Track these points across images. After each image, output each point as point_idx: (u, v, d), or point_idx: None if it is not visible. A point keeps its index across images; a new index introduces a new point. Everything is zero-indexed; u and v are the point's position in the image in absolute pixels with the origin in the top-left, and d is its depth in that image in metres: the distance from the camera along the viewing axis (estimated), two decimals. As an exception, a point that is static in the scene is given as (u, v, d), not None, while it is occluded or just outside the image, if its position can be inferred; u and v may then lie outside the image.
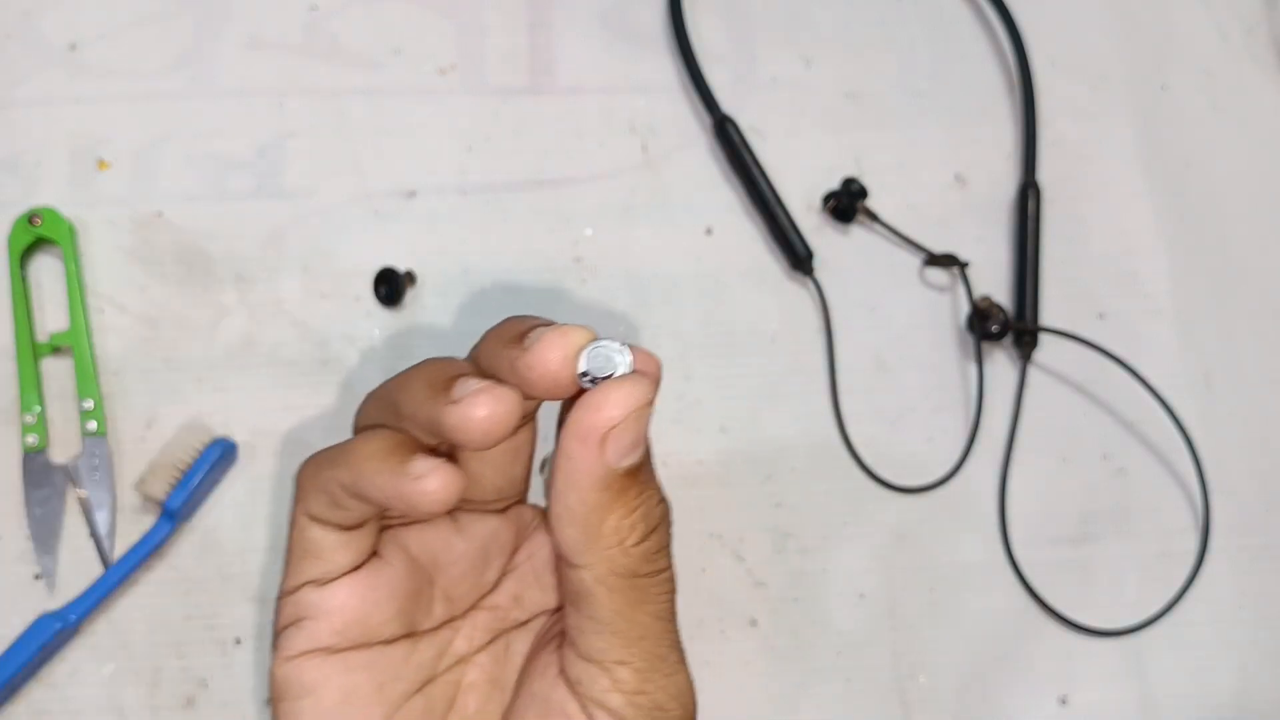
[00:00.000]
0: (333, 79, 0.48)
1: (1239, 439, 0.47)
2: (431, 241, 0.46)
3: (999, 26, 0.51)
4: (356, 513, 0.28)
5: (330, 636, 0.29)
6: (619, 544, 0.26)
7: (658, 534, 0.27)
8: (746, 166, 0.47)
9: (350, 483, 0.27)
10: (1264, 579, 0.46)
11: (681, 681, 0.29)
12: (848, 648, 0.44)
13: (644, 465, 0.27)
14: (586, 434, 0.25)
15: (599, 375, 0.25)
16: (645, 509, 0.27)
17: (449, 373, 0.26)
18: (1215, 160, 0.51)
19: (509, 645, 0.32)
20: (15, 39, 0.47)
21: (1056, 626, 0.45)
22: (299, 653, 0.29)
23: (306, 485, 0.28)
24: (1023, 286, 0.47)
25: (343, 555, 0.29)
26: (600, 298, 0.46)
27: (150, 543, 0.41)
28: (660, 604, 0.28)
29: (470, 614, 0.32)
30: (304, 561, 0.29)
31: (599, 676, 0.28)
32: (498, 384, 0.25)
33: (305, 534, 0.29)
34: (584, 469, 0.26)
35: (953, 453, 0.46)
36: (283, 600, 0.30)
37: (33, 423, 0.42)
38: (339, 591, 0.29)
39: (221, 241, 0.45)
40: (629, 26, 0.50)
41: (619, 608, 0.27)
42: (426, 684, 0.31)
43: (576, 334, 0.25)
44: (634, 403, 0.25)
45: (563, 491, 0.26)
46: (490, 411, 0.24)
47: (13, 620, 0.40)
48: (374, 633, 0.29)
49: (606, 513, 0.26)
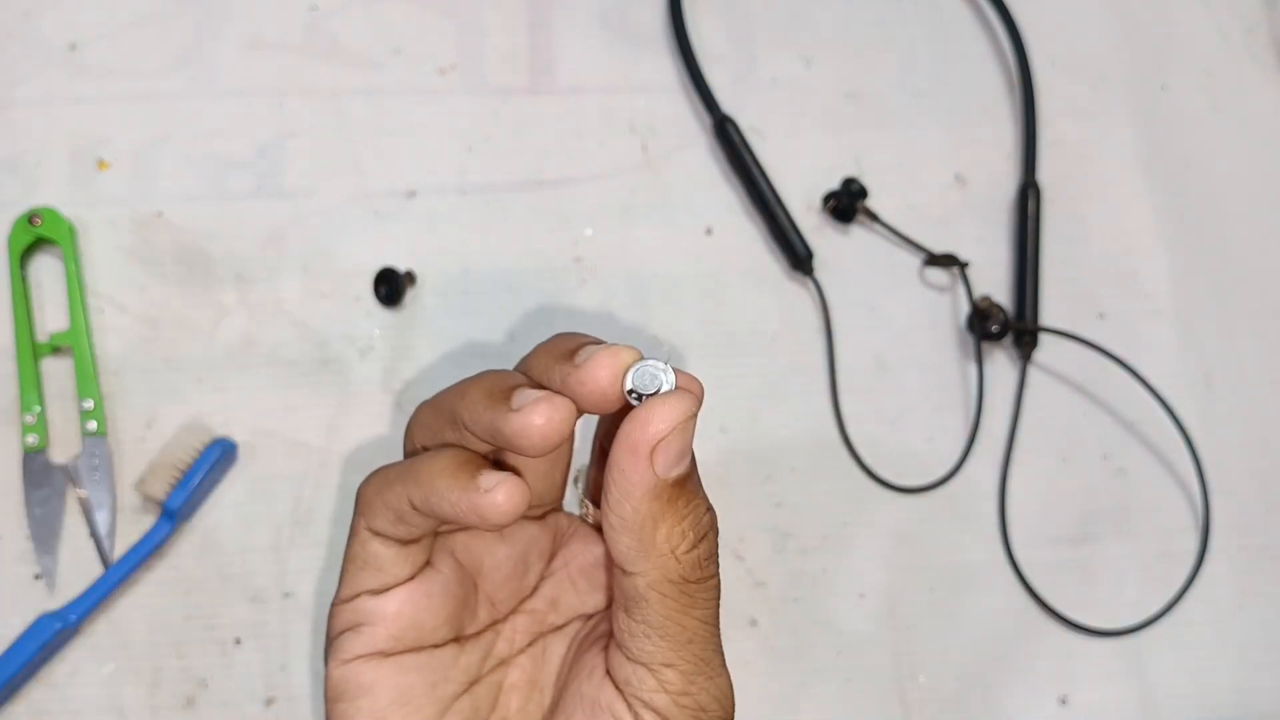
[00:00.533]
0: (333, 79, 0.48)
1: (1239, 439, 0.47)
2: (431, 241, 0.46)
3: (999, 26, 0.51)
4: (421, 528, 0.29)
5: (386, 641, 0.30)
6: (671, 552, 0.28)
7: (707, 541, 0.29)
8: (746, 166, 0.47)
9: (421, 499, 0.28)
10: (1264, 579, 0.46)
11: (724, 684, 0.30)
12: (848, 648, 0.44)
13: (691, 475, 0.28)
14: (637, 446, 0.27)
15: (644, 392, 0.27)
16: (694, 517, 0.28)
17: (508, 383, 0.28)
18: (1215, 160, 0.51)
19: (546, 648, 0.33)
20: (15, 39, 0.47)
21: (1056, 626, 0.45)
22: (355, 656, 0.30)
23: (372, 501, 0.30)
24: (1023, 286, 0.47)
25: (401, 567, 0.30)
26: (600, 298, 0.46)
27: (150, 543, 0.41)
28: (708, 609, 0.29)
29: (511, 618, 0.33)
30: (363, 572, 0.30)
31: (647, 678, 0.29)
32: (554, 394, 0.27)
33: (367, 547, 0.30)
34: (636, 480, 0.27)
35: (953, 453, 0.46)
36: (339, 607, 0.31)
37: (33, 423, 0.42)
38: (395, 599, 0.30)
39: (221, 241, 0.45)
40: (629, 26, 0.50)
41: (670, 612, 0.28)
42: (473, 685, 0.32)
43: (625, 353, 0.27)
44: (679, 416, 0.27)
45: (617, 502, 0.27)
46: (548, 419, 0.26)
47: (13, 620, 0.40)
48: (427, 637, 0.31)
49: (658, 522, 0.28)
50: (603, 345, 0.28)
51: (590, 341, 0.28)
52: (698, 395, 0.28)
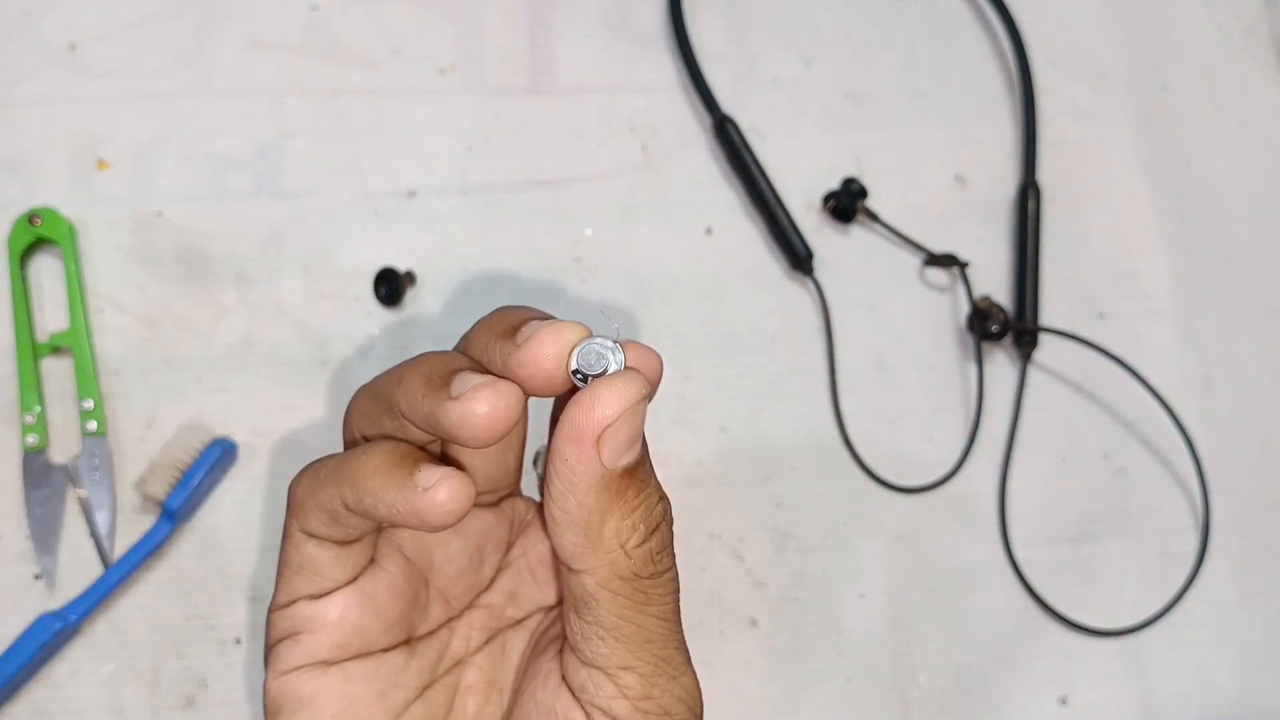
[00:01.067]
0: (333, 79, 0.48)
1: (1239, 439, 0.47)
2: (431, 241, 0.46)
3: (999, 26, 0.51)
4: (358, 529, 0.27)
5: (328, 649, 0.28)
6: (620, 546, 0.26)
7: (659, 533, 0.27)
8: (746, 166, 0.47)
9: (354, 500, 0.26)
10: (1264, 579, 0.46)
11: (688, 683, 0.28)
12: (848, 648, 0.44)
13: (642, 463, 0.26)
14: (581, 434, 0.25)
15: (591, 373, 0.25)
16: (646, 508, 0.26)
17: (447, 367, 0.26)
18: (1215, 160, 0.51)
19: (505, 645, 0.31)
20: (15, 39, 0.47)
21: (1056, 626, 0.45)
22: (295, 667, 0.28)
23: (304, 501, 0.27)
24: (1023, 286, 0.47)
25: (341, 570, 0.28)
26: (600, 298, 0.46)
27: (150, 543, 0.41)
28: (665, 605, 0.27)
29: (466, 614, 0.31)
30: (298, 577, 0.28)
31: (604, 683, 0.27)
32: (498, 379, 0.25)
33: (301, 550, 0.28)
34: (580, 471, 0.25)
35: (953, 453, 0.46)
36: (275, 614, 0.29)
37: (33, 423, 0.42)
38: (336, 604, 0.28)
39: (221, 241, 0.45)
40: (629, 26, 0.50)
41: (623, 612, 0.26)
42: (426, 689, 0.30)
43: (570, 330, 0.25)
44: (628, 400, 0.25)
45: (560, 495, 0.25)
46: (492, 407, 0.24)
47: (13, 620, 0.40)
48: (373, 642, 0.29)
49: (606, 515, 0.25)
50: (546, 322, 0.25)
51: (534, 316, 0.26)
52: (652, 373, 0.26)
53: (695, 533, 0.44)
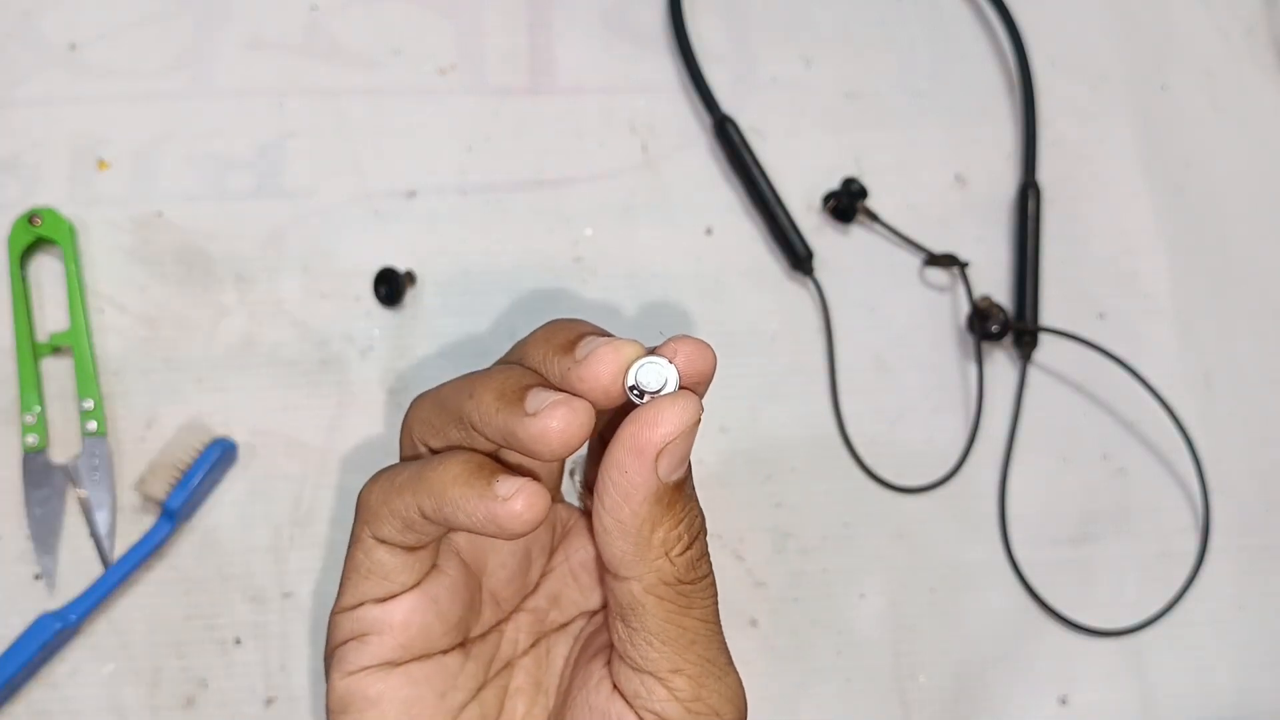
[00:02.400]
0: (333, 79, 0.48)
1: (1239, 439, 0.47)
2: (431, 241, 0.46)
3: (999, 26, 0.51)
4: (430, 535, 0.28)
5: (393, 651, 0.29)
6: (666, 554, 0.27)
7: (699, 541, 0.28)
8: (746, 166, 0.47)
9: (433, 509, 0.27)
10: (1264, 579, 0.46)
11: (733, 682, 0.29)
12: (848, 648, 0.44)
13: (688, 478, 0.28)
14: (643, 449, 0.26)
15: (649, 389, 0.26)
16: (690, 519, 0.28)
17: (520, 383, 0.27)
18: (1215, 160, 0.51)
19: (550, 649, 0.33)
20: (15, 39, 0.47)
21: (1056, 626, 0.45)
22: (361, 668, 0.29)
23: (377, 509, 0.28)
24: (1023, 286, 0.47)
25: (408, 574, 0.29)
26: (600, 298, 0.46)
27: (150, 543, 0.41)
28: (706, 608, 0.28)
29: (514, 617, 0.32)
30: (366, 581, 0.29)
31: (656, 687, 0.28)
32: (572, 397, 0.26)
33: (372, 555, 0.29)
34: (639, 483, 0.26)
35: (953, 453, 0.46)
36: (340, 616, 0.30)
37: (33, 423, 0.42)
38: (402, 607, 0.29)
39: (221, 241, 0.45)
40: (629, 26, 0.50)
41: (668, 616, 0.27)
42: (480, 690, 0.31)
43: (629, 349, 0.26)
44: (689, 420, 0.26)
45: (615, 505, 0.26)
46: (566, 424, 0.25)
47: (13, 620, 0.40)
48: (435, 643, 0.30)
49: (656, 525, 0.27)
50: (605, 340, 0.27)
51: (591, 332, 0.27)
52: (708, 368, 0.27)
53: (695, 533, 0.44)
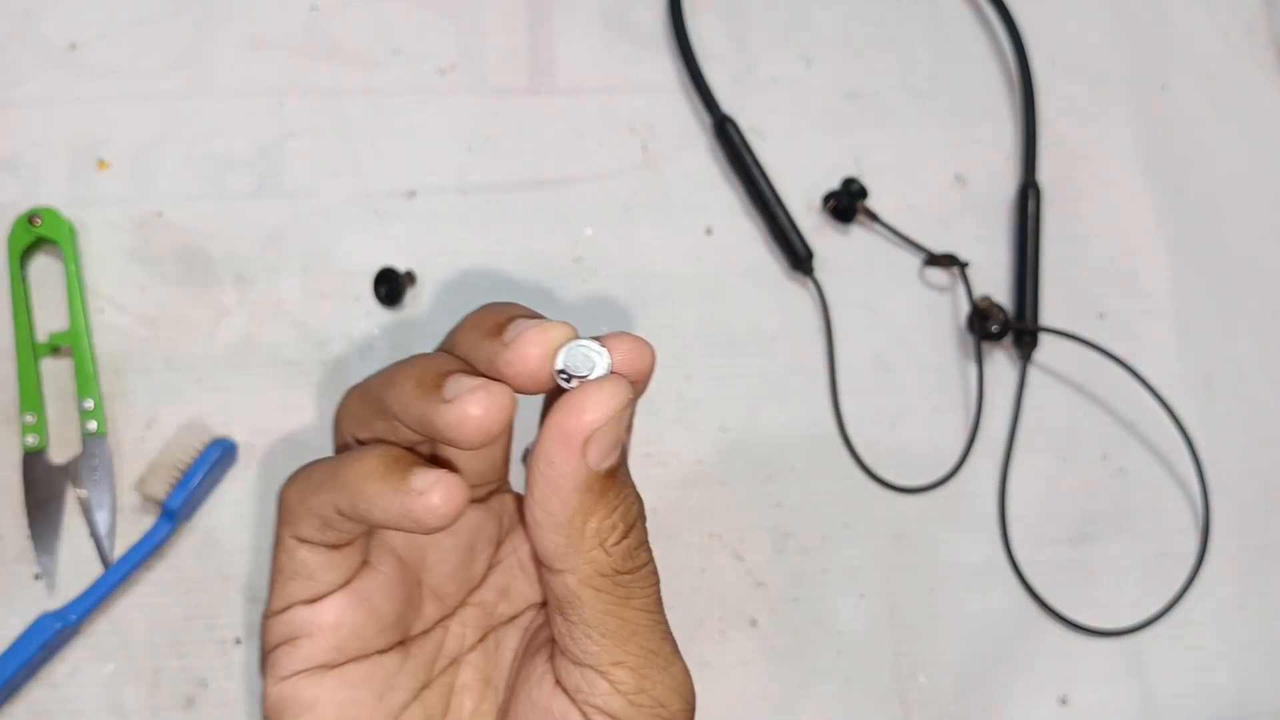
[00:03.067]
0: (333, 79, 0.48)
1: (1239, 439, 0.47)
2: (431, 241, 0.46)
3: (999, 26, 0.51)
4: (352, 532, 0.28)
5: (326, 653, 0.28)
6: (600, 545, 0.26)
7: (636, 530, 0.27)
8: (746, 166, 0.47)
9: (349, 505, 0.26)
10: (1264, 579, 0.46)
11: (678, 673, 0.28)
12: (848, 648, 0.44)
13: (622, 464, 0.27)
14: (569, 437, 0.25)
15: (577, 374, 0.25)
16: (625, 507, 0.27)
17: (440, 369, 0.26)
18: (1215, 160, 0.51)
19: (499, 642, 0.32)
20: (15, 39, 0.47)
21: (1056, 626, 0.45)
22: (293, 672, 0.28)
23: (295, 508, 0.28)
24: (1023, 286, 0.47)
25: (334, 574, 0.28)
26: (600, 298, 0.46)
27: (150, 543, 0.41)
28: (646, 598, 0.27)
29: (459, 611, 0.31)
30: (292, 583, 0.28)
31: (597, 681, 0.27)
32: (491, 381, 0.25)
33: (294, 556, 0.28)
34: (566, 472, 0.25)
35: (953, 453, 0.46)
36: (270, 620, 0.29)
37: (33, 423, 0.42)
38: (332, 608, 0.28)
39: (221, 241, 0.45)
40: (629, 26, 0.50)
41: (606, 607, 0.27)
42: (423, 690, 0.30)
43: (557, 331, 0.25)
44: (615, 405, 0.25)
45: (544, 497, 0.26)
46: (485, 410, 0.24)
47: (13, 620, 0.40)
48: (371, 643, 0.29)
49: (589, 515, 0.26)
50: (533, 321, 0.26)
51: (521, 314, 0.26)
52: (644, 367, 0.26)
53: (695, 533, 0.44)
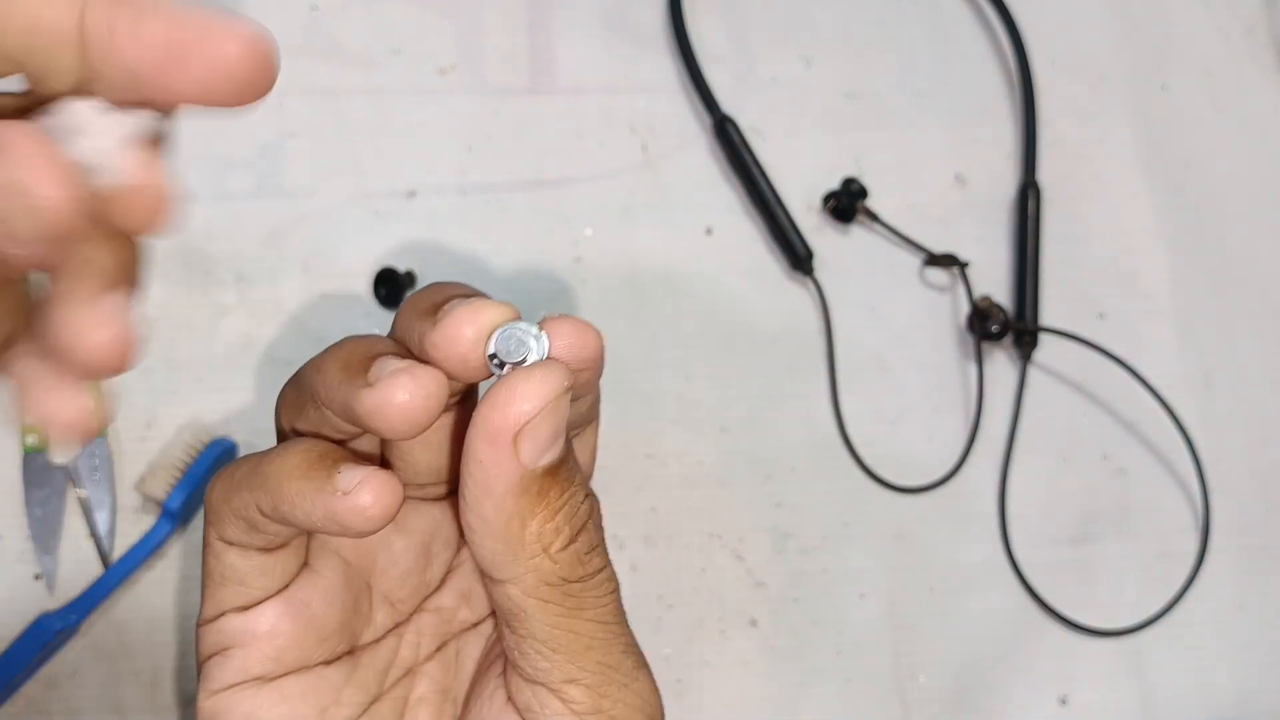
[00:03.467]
0: (333, 79, 0.48)
1: (1239, 439, 0.47)
2: (431, 241, 0.46)
3: (999, 26, 0.51)
4: (281, 535, 0.25)
5: (262, 664, 0.26)
6: (544, 551, 0.23)
7: (586, 533, 0.24)
8: (746, 166, 0.47)
9: (271, 507, 0.24)
10: (1264, 579, 0.46)
11: (642, 689, 0.26)
12: (848, 648, 0.44)
13: (565, 461, 0.24)
14: (497, 433, 0.22)
15: (510, 360, 0.23)
16: (570, 508, 0.24)
17: (368, 351, 0.23)
18: (1215, 160, 0.51)
19: (459, 651, 0.29)
20: (15, 39, 0.47)
21: (1056, 626, 0.45)
22: (227, 685, 0.26)
23: (219, 508, 0.25)
24: (1023, 286, 0.47)
25: (267, 579, 0.26)
26: (600, 298, 0.46)
27: (150, 543, 0.41)
28: (601, 608, 0.25)
29: (415, 618, 0.29)
30: (223, 589, 0.26)
31: (549, 700, 0.25)
32: (419, 365, 0.22)
33: (222, 560, 0.26)
34: (496, 473, 0.22)
35: (953, 453, 0.46)
36: (202, 629, 0.27)
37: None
38: (267, 616, 0.26)
39: (221, 241, 0.45)
40: (629, 26, 0.50)
41: (555, 620, 0.24)
42: (373, 704, 0.28)
43: (491, 311, 0.23)
44: (548, 393, 0.22)
45: (475, 501, 0.23)
46: (410, 396, 0.22)
47: (13, 620, 0.40)
48: (312, 654, 0.27)
49: (527, 519, 0.23)
50: (466, 300, 0.23)
51: (460, 294, 0.24)
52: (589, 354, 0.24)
53: (695, 533, 0.44)
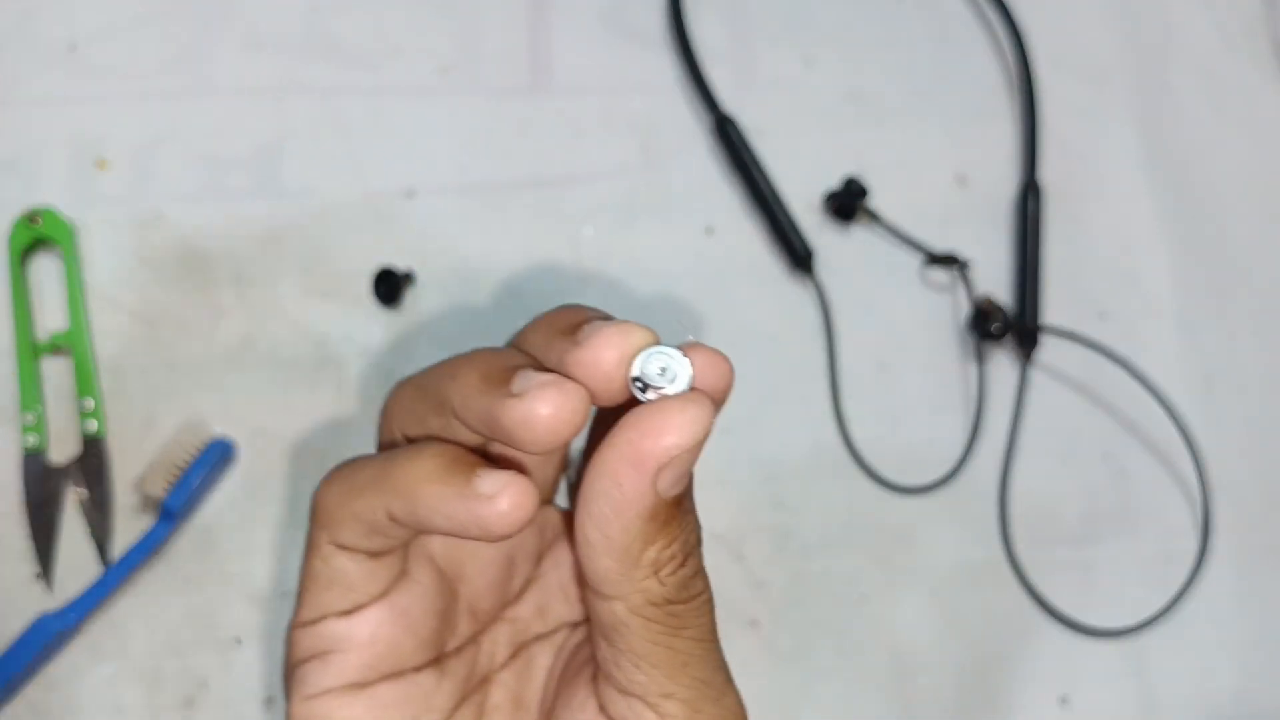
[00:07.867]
0: (332, 79, 0.48)
1: (1239, 439, 0.47)
2: (431, 241, 0.46)
3: (999, 26, 0.51)
4: (399, 539, 0.25)
5: (359, 670, 0.26)
6: (655, 574, 0.24)
7: (694, 558, 0.25)
8: (746, 166, 0.47)
9: (404, 511, 0.24)
10: (1264, 579, 0.46)
11: (731, 704, 0.26)
12: (848, 648, 0.44)
13: (689, 490, 0.25)
14: (643, 460, 0.22)
15: (653, 384, 0.23)
16: (685, 536, 0.24)
17: (508, 363, 0.23)
18: (1215, 160, 0.51)
19: (531, 661, 0.30)
20: (15, 39, 0.47)
21: (1056, 626, 0.45)
22: (323, 690, 0.26)
23: (335, 512, 0.25)
24: (1024, 286, 0.47)
25: (374, 583, 0.26)
26: (600, 298, 0.46)
27: (150, 543, 0.41)
28: (700, 627, 0.25)
29: (491, 628, 0.29)
30: (328, 592, 0.26)
31: (645, 712, 0.25)
32: (565, 379, 0.22)
33: (331, 563, 0.26)
34: (633, 497, 0.23)
35: (953, 453, 0.46)
36: (299, 632, 0.27)
37: (32, 423, 0.42)
38: (369, 621, 0.26)
39: (221, 241, 0.45)
40: (629, 26, 0.50)
41: (656, 637, 0.24)
42: (455, 710, 0.28)
43: (637, 334, 0.23)
44: (699, 431, 0.22)
45: (605, 519, 0.23)
46: (556, 409, 0.22)
47: (13, 620, 0.40)
48: (405, 660, 0.27)
49: (648, 543, 0.23)
50: (611, 321, 0.23)
51: (598, 316, 0.24)
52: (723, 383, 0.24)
53: (695, 533, 0.44)
